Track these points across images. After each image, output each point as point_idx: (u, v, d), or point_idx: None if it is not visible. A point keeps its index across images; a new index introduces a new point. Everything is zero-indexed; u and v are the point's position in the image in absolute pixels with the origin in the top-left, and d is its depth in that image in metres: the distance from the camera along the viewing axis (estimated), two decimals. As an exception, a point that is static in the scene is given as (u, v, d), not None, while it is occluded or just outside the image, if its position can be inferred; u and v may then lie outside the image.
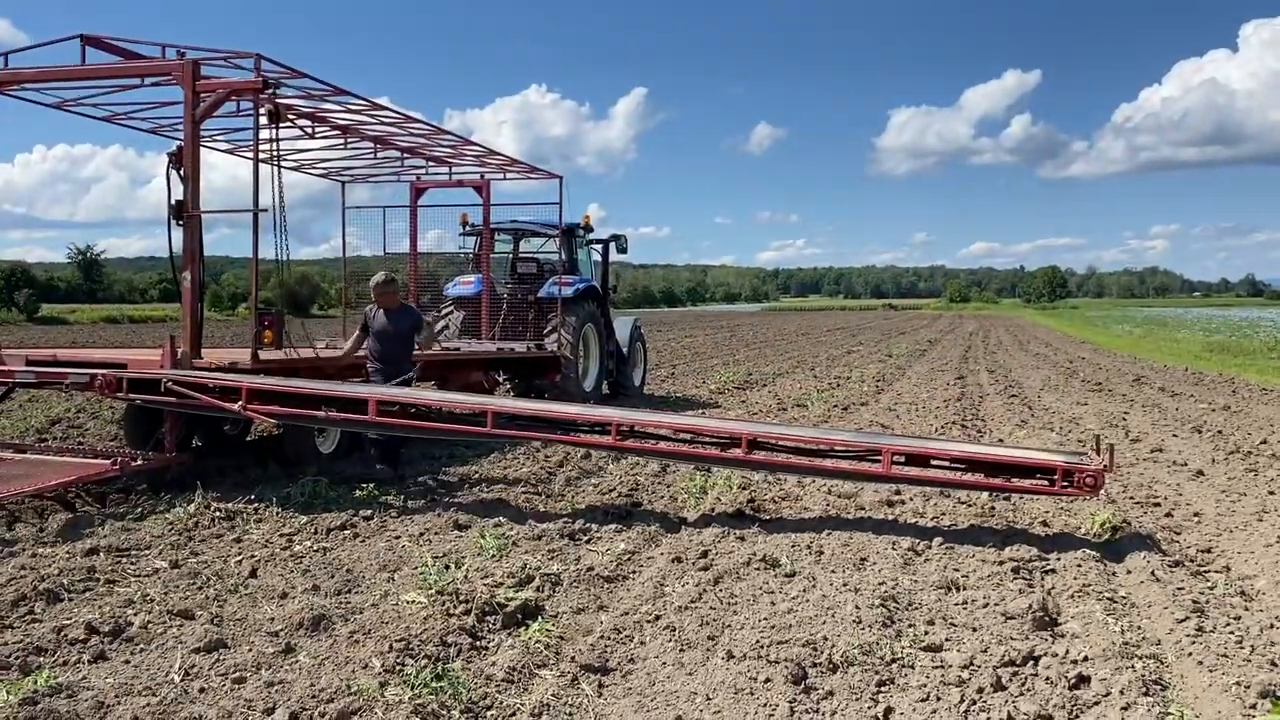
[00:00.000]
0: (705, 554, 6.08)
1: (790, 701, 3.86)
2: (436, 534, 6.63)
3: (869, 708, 3.89)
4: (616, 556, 6.08)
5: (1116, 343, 41.41)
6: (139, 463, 7.55)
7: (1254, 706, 3.84)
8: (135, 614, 4.90)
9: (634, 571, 5.88)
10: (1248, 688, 3.96)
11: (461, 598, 5.05)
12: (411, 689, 4.00)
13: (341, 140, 11.35)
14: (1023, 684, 4.07)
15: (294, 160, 12.28)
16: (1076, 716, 3.79)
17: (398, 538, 6.54)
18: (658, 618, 4.94)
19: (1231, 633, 4.72)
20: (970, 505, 7.58)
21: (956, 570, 5.78)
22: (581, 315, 14.65)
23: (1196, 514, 7.49)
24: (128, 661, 4.37)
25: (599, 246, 16.64)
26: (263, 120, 8.05)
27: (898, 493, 7.91)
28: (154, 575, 5.67)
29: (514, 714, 3.88)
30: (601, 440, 7.08)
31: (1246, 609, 5.19)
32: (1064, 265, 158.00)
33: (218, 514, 7.04)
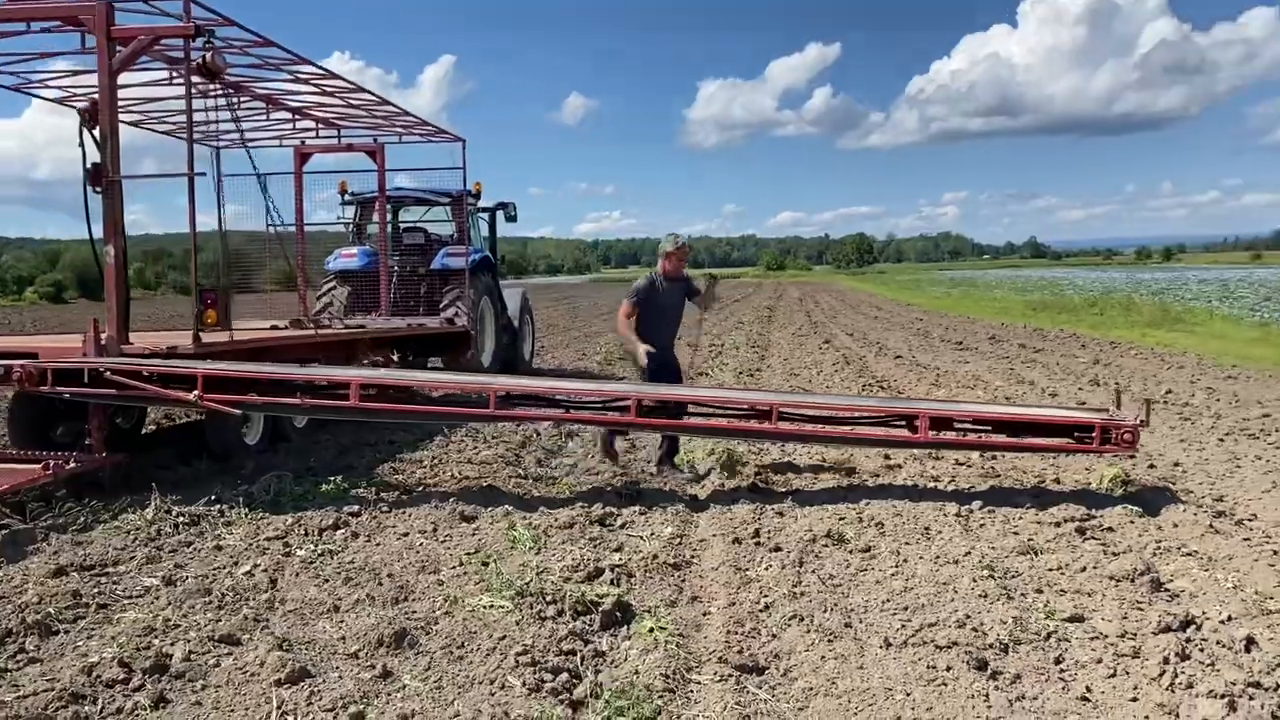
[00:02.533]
0: (757, 533, 5.74)
1: (988, 691, 3.59)
2: (449, 528, 6.01)
3: (1064, 689, 3.67)
4: (667, 541, 5.66)
5: (940, 303, 43.46)
6: (73, 466, 6.54)
7: None
8: (168, 644, 4.15)
9: (696, 556, 5.48)
10: None
11: (547, 598, 4.53)
12: (574, 708, 3.50)
13: (235, 99, 10.26)
14: (1200, 649, 3.93)
15: (173, 122, 11.06)
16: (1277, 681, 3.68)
17: (406, 534, 5.89)
18: (768, 606, 4.57)
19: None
20: (969, 466, 7.54)
21: (1017, 534, 5.66)
22: (479, 288, 13.96)
23: (1176, 463, 7.70)
24: (199, 704, 3.66)
25: (485, 215, 15.92)
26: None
27: (887, 457, 7.81)
28: (149, 595, 4.86)
29: (705, 728, 3.45)
30: (622, 418, 6.59)
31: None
32: (866, 232, 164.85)
33: (180, 519, 6.17)
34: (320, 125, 12.23)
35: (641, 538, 5.79)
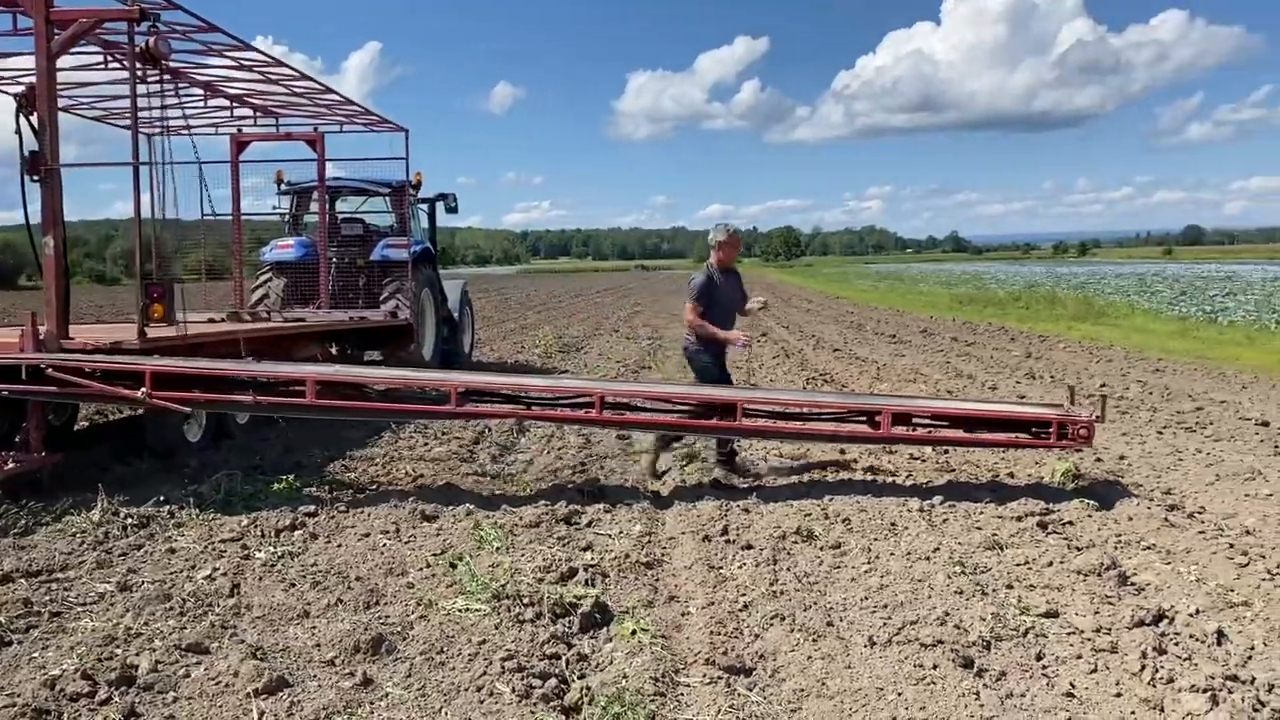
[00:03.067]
0: (725, 530, 5.73)
1: (977, 689, 3.62)
2: (411, 528, 5.88)
3: (1049, 685, 3.71)
4: (637, 540, 5.62)
5: (868, 297, 44.10)
6: (11, 466, 6.26)
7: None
8: (132, 654, 3.99)
9: (667, 554, 5.45)
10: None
11: (524, 600, 4.46)
12: (567, 715, 3.44)
13: (172, 85, 9.91)
14: (1175, 643, 4.01)
15: (103, 108, 10.66)
16: (1253, 672, 3.77)
17: (367, 535, 5.75)
18: (747, 606, 4.55)
19: (1272, 574, 4.92)
20: (924, 460, 7.63)
21: (981, 529, 5.74)
22: (420, 280, 13.73)
23: (1121, 456, 7.88)
24: (173, 716, 3.52)
25: (426, 206, 15.67)
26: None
27: (843, 451, 7.88)
28: (105, 601, 4.67)
29: (702, 732, 3.42)
30: (585, 415, 6.51)
31: (1262, 548, 5.42)
32: (793, 225, 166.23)
33: (129, 521, 5.95)
34: (259, 113, 11.90)
35: (610, 536, 5.74)
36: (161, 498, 6.36)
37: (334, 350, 12.79)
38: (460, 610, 4.44)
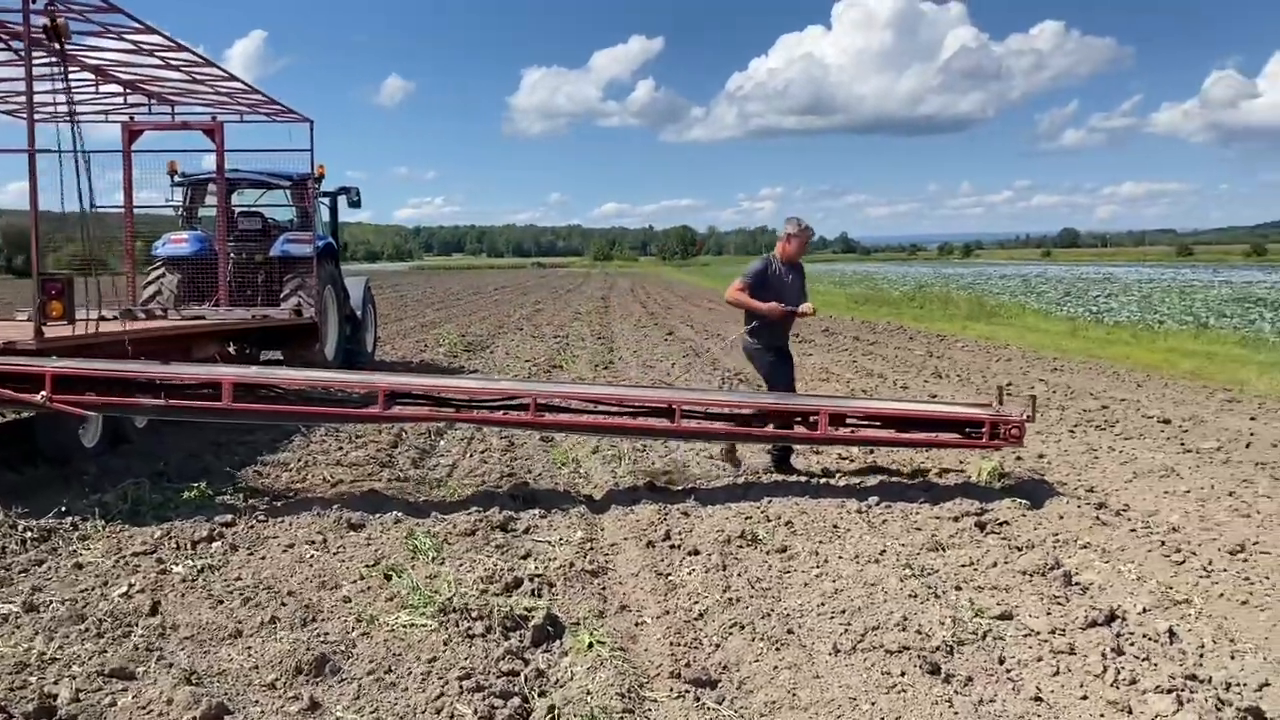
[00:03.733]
0: (668, 535, 5.62)
1: (949, 696, 3.58)
2: (338, 538, 5.60)
3: (1015, 690, 3.70)
4: (578, 547, 5.45)
5: (768, 296, 44.64)
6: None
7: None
8: (49, 682, 3.66)
9: (611, 562, 5.30)
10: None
11: (473, 614, 4.26)
12: (535, 738, 3.28)
13: (60, 69, 9.32)
14: (1131, 643, 4.05)
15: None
16: (1209, 671, 3.82)
17: (291, 546, 5.46)
18: (703, 614, 4.44)
19: (1207, 571, 5.05)
20: (851, 460, 7.66)
21: (920, 530, 5.76)
22: (323, 277, 13.28)
23: (1040, 455, 8.04)
24: (102, 753, 3.23)
25: (327, 200, 15.17)
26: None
27: (769, 451, 7.84)
28: (10, 624, 4.29)
29: (677, 751, 3.29)
30: (519, 418, 6.30)
31: (1191, 545, 5.55)
32: (689, 224, 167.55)
33: (28, 534, 5.53)
34: (154, 100, 11.31)
35: (550, 543, 5.56)
36: (63, 508, 5.93)
37: (232, 350, 12.24)
38: (405, 626, 4.22)
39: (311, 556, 5.26)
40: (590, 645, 4.07)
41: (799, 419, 6.55)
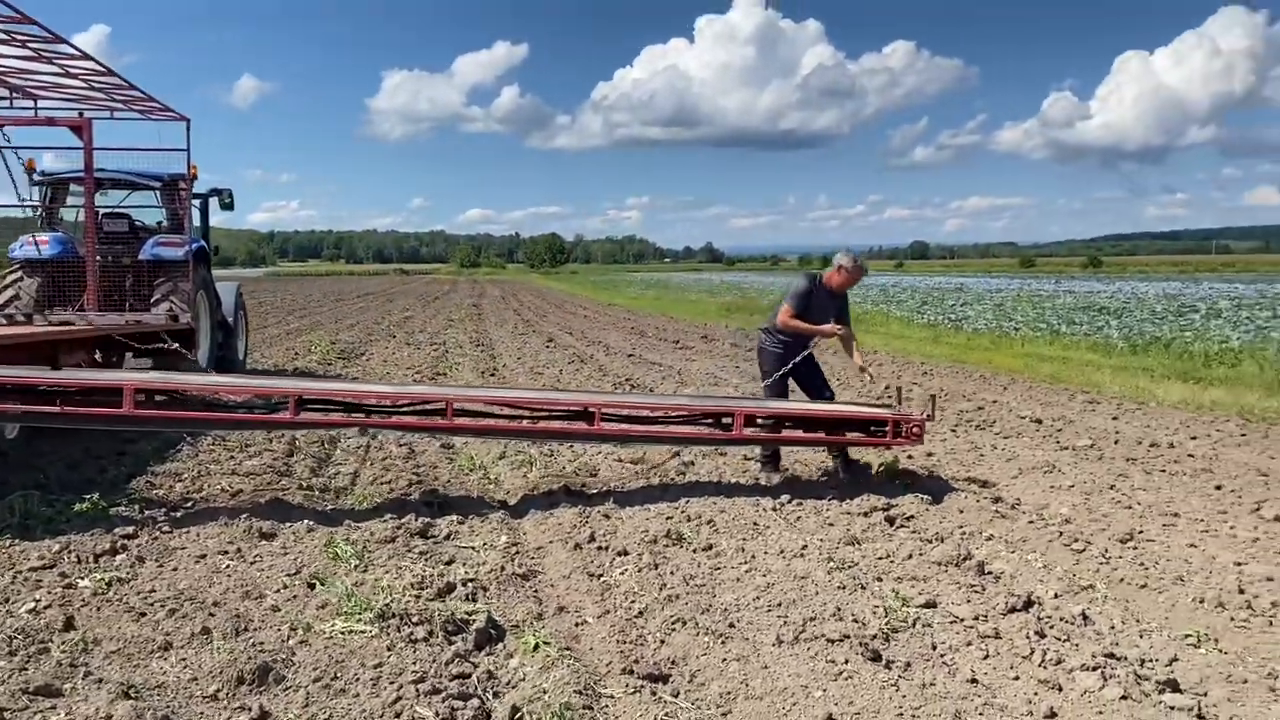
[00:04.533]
0: (593, 537, 5.63)
1: (895, 680, 3.72)
2: (252, 547, 5.41)
3: (952, 673, 3.86)
4: (504, 551, 5.42)
5: (639, 304, 44.98)
6: None
7: (1221, 605, 4.45)
8: (-34, 706, 3.44)
9: (540, 565, 5.29)
10: (1201, 600, 4.54)
11: (413, 619, 4.20)
12: (501, 738, 3.26)
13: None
14: (1050, 626, 4.28)
15: None
16: (1124, 648, 4.07)
17: (203, 556, 5.25)
18: (642, 612, 4.49)
19: (1105, 558, 5.38)
20: (753, 460, 7.82)
21: (833, 525, 5.95)
22: (195, 282, 12.77)
23: (930, 454, 8.37)
24: (41, 775, 3.06)
25: (198, 202, 14.59)
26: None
27: (676, 454, 7.95)
28: (-93, 647, 4.02)
29: (643, 744, 3.32)
30: (435, 422, 6.20)
31: (1085, 535, 5.90)
32: (556, 232, 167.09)
33: (-91, 552, 5.16)
34: (15, 94, 10.68)
35: (475, 549, 5.52)
36: (-55, 523, 5.56)
37: (98, 357, 11.66)
38: (343, 633, 4.13)
39: (228, 567, 5.08)
40: (536, 646, 4.07)
41: (713, 419, 6.66)
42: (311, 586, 4.80)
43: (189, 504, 6.45)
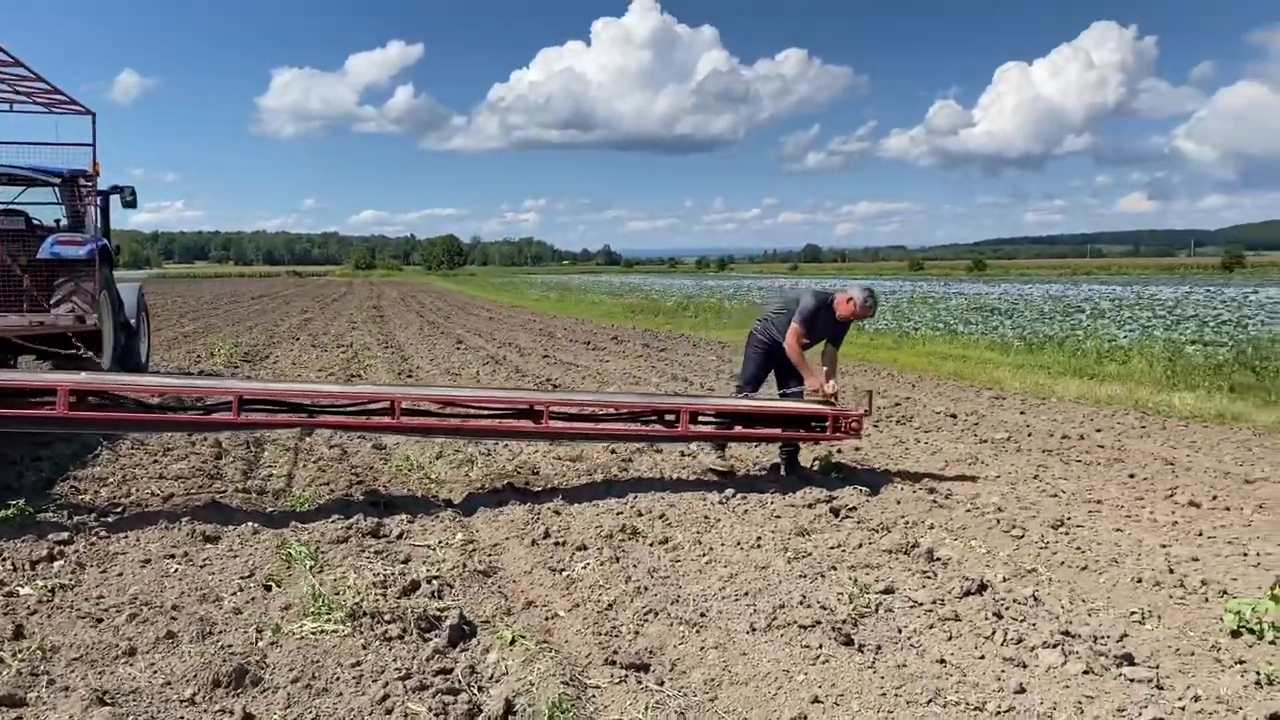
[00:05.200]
0: (547, 534, 5.64)
1: (873, 663, 3.84)
2: (198, 551, 5.26)
3: (921, 655, 4.00)
4: (461, 548, 5.39)
5: (543, 305, 44.85)
6: None
7: (1158, 584, 4.71)
8: (-75, 718, 3.29)
9: (499, 562, 5.27)
10: (1141, 581, 4.80)
11: (385, 617, 4.16)
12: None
13: None
14: (1006, 607, 4.46)
15: None
16: (1077, 627, 4.27)
17: (148, 561, 5.08)
18: (611, 605, 4.52)
19: (1044, 544, 5.63)
20: (693, 459, 7.91)
21: (780, 518, 6.07)
22: (99, 281, 12.29)
23: (856, 448, 8.60)
24: (22, 785, 2.95)
25: (98, 199, 14.04)
26: None
27: (613, 451, 8.01)
28: None
29: (639, 732, 3.36)
30: (382, 422, 6.11)
31: (1019, 522, 6.14)
32: (452, 234, 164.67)
33: None
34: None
35: (430, 547, 5.47)
36: None
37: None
38: (314, 633, 4.06)
39: (177, 570, 4.94)
40: (513, 641, 4.06)
41: (658, 417, 6.73)
42: (268, 588, 4.71)
43: (119, 508, 6.23)
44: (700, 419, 6.89)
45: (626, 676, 3.75)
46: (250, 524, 5.74)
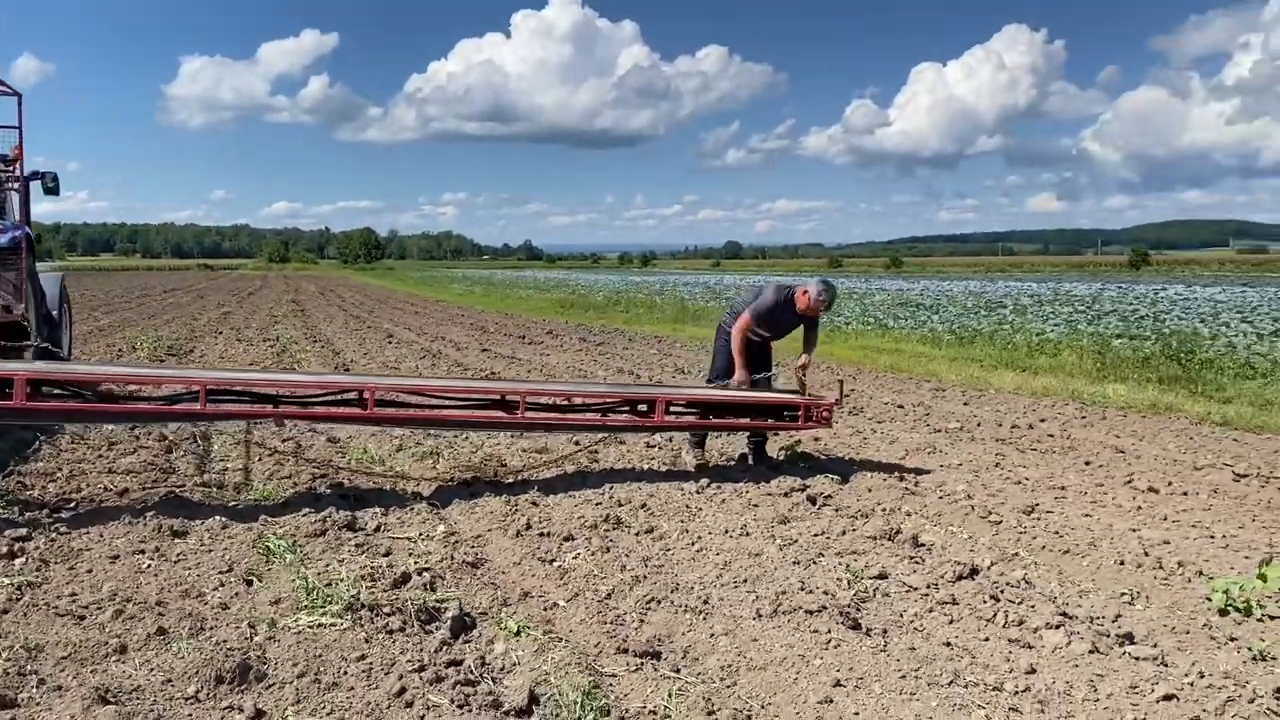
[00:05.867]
0: (529, 525, 5.55)
1: (884, 646, 3.85)
2: (168, 546, 5.05)
3: (926, 638, 4.03)
4: (443, 540, 5.27)
5: (468, 300, 44.38)
6: None
7: (1139, 565, 4.83)
8: (-90, 724, 3.09)
9: (485, 554, 5.17)
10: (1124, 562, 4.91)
11: (384, 610, 4.04)
12: (521, 716, 3.19)
13: None
14: (1002, 590, 4.51)
15: None
16: (1073, 608, 4.35)
17: (117, 557, 4.87)
18: (611, 594, 4.46)
19: (1021, 529, 5.73)
20: (661, 449, 7.89)
21: (758, 507, 6.08)
22: (24, 271, 11.79)
23: (816, 438, 8.66)
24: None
25: (17, 186, 13.47)
26: None
27: (576, 441, 7.93)
28: None
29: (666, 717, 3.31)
30: (355, 413, 5.94)
31: (990, 508, 6.24)
32: (368, 227, 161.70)
33: None
34: None
35: (410, 539, 5.33)
36: None
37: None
38: (311, 627, 3.93)
39: (150, 566, 4.74)
40: (518, 631, 3.99)
41: (631, 407, 6.68)
42: (249, 583, 4.55)
43: (71, 504, 5.96)
44: (674, 409, 6.86)
45: (642, 665, 3.70)
46: (218, 518, 5.54)
